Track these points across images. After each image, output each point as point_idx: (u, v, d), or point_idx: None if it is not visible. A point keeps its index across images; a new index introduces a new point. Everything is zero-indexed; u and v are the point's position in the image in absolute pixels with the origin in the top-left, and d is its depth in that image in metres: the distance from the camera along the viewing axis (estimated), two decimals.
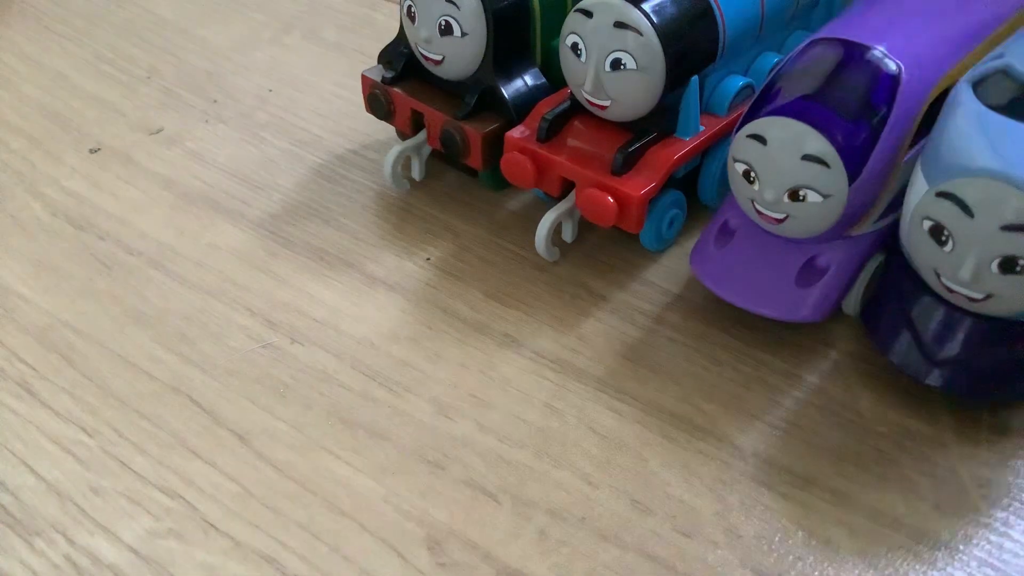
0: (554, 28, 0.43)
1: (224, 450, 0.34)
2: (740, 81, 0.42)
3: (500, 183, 0.44)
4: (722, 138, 0.42)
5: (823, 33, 0.36)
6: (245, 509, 0.32)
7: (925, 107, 0.35)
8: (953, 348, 0.34)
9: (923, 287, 0.34)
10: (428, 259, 0.42)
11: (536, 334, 0.39)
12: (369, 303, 0.40)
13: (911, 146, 0.36)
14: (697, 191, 0.43)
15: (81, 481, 0.33)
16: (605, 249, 0.43)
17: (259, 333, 0.39)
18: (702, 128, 0.41)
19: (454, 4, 0.41)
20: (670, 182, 0.41)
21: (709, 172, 0.43)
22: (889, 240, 0.37)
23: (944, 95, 0.35)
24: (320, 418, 0.35)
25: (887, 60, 0.35)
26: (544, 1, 0.43)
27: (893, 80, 0.35)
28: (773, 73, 0.36)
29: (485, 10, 0.41)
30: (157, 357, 0.38)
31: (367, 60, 0.46)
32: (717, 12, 0.39)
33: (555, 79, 0.43)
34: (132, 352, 0.38)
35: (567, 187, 0.41)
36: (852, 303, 0.38)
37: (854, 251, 0.37)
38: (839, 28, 0.37)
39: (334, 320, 0.39)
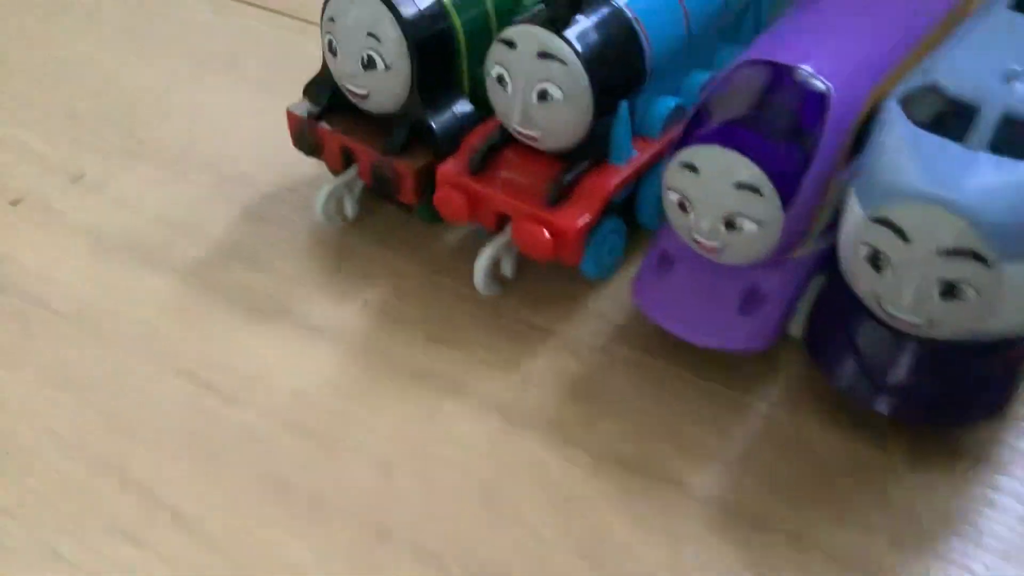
0: (480, 55, 0.42)
1: (158, 530, 0.33)
2: (671, 102, 0.41)
3: (437, 216, 0.43)
4: (657, 161, 0.41)
5: (750, 54, 0.36)
6: None
7: (856, 126, 0.35)
8: (899, 373, 0.33)
9: (865, 310, 0.33)
10: (366, 302, 0.41)
11: (481, 377, 0.38)
12: (305, 354, 0.39)
13: (844, 165, 0.35)
14: (636, 214, 0.42)
15: (7, 570, 0.32)
16: (547, 281, 0.42)
17: (190, 394, 0.37)
18: (635, 153, 0.40)
19: (375, 38, 0.40)
20: (608, 208, 0.40)
21: (646, 195, 0.42)
22: (830, 260, 0.36)
23: (876, 111, 0.35)
24: (257, 486, 0.34)
25: (814, 80, 0.34)
26: (468, 28, 0.41)
27: (821, 101, 0.34)
28: (703, 97, 0.35)
29: (407, 42, 0.40)
30: (81, 426, 0.36)
31: (294, 92, 0.44)
32: (642, 34, 0.38)
33: (485, 107, 0.41)
34: (55, 423, 0.36)
35: (503, 220, 0.40)
36: (797, 326, 0.37)
37: (795, 274, 0.36)
38: (766, 48, 0.36)
39: (268, 375, 0.38)
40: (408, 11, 0.39)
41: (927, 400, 0.33)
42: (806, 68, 0.34)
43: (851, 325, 0.34)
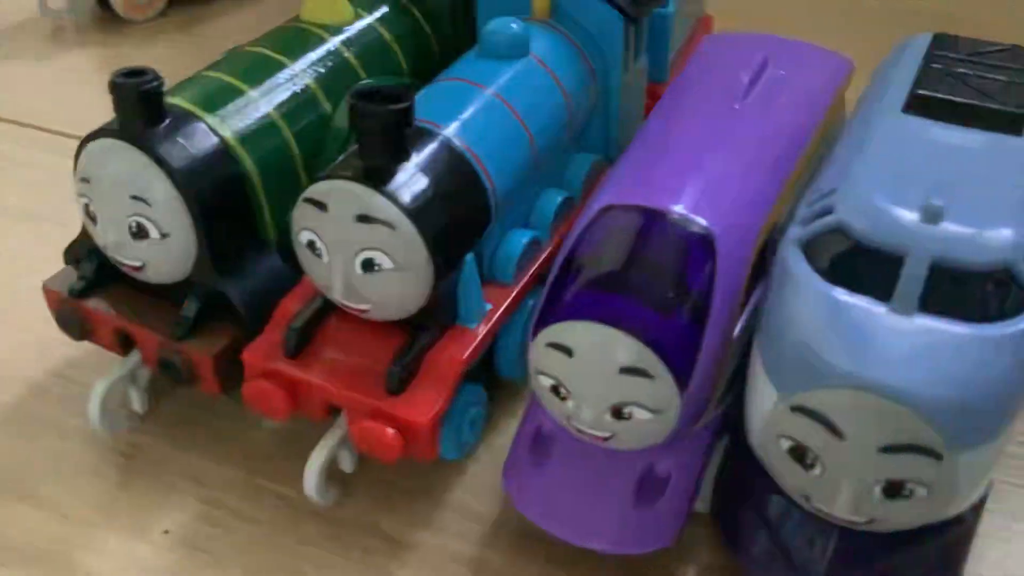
0: (286, 196, 0.34)
1: None
2: (523, 237, 0.34)
3: None
4: (516, 308, 0.34)
5: (612, 194, 0.29)
6: None
7: (750, 270, 0.29)
8: (834, 569, 0.27)
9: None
10: (166, 532, 0.32)
11: None
12: None
13: (741, 313, 0.29)
14: (496, 367, 0.35)
15: None
16: (396, 469, 0.34)
17: None
18: (488, 307, 0.33)
19: (143, 201, 0.31)
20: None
21: (506, 345, 0.35)
22: (732, 419, 0.31)
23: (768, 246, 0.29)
24: None
25: (695, 225, 0.28)
26: (264, 167, 0.34)
27: (707, 249, 0.28)
28: (564, 253, 0.29)
29: (184, 200, 0.31)
30: None
31: (67, 230, 0.35)
32: (480, 169, 0.31)
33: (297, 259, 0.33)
34: None
35: (336, 408, 0.32)
36: (704, 500, 0.31)
37: (695, 450, 0.30)
38: (627, 185, 0.30)
39: None
40: (180, 161, 0.31)
41: None
42: (679, 208, 0.28)
43: (767, 507, 0.29)
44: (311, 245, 0.30)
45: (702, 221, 0.28)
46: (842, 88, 0.36)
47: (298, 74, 0.36)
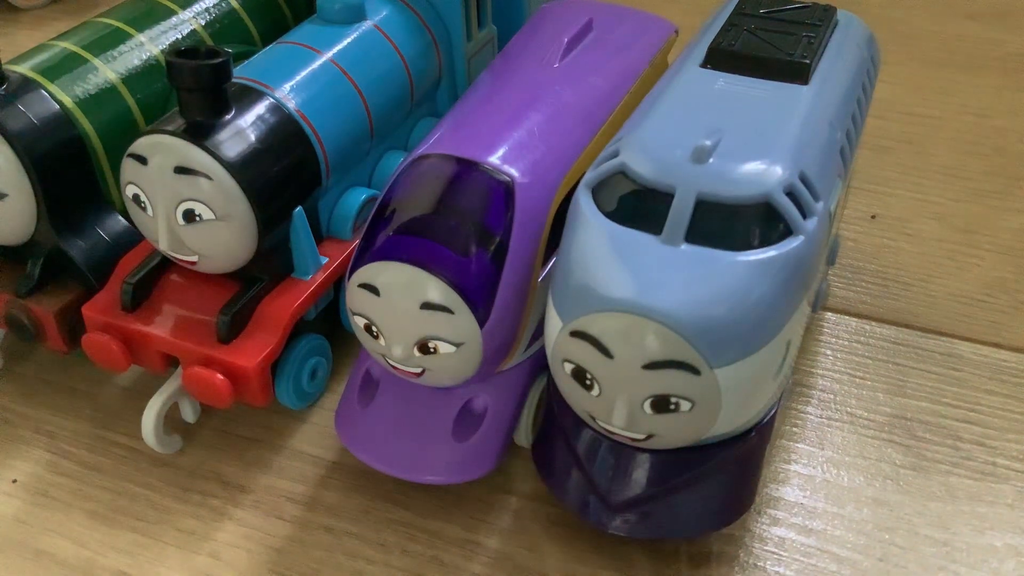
0: None
1: None
2: (362, 195, 0.36)
3: None
4: None
5: (423, 147, 0.31)
6: None
7: (550, 218, 0.31)
8: (631, 489, 0.29)
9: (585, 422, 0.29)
10: (15, 481, 0.33)
11: (157, 562, 0.31)
12: None
13: (546, 261, 0.31)
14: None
15: None
16: (241, 418, 0.35)
17: None
18: (324, 260, 0.35)
19: None
20: (302, 327, 0.34)
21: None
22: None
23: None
24: None
25: (496, 174, 0.30)
26: (106, 132, 0.35)
27: (506, 196, 0.30)
28: (377, 202, 0.30)
29: (22, 162, 0.32)
30: None
31: None
32: (309, 130, 0.33)
33: None
34: None
35: (175, 359, 0.33)
36: (523, 434, 0.33)
37: (511, 385, 0.32)
38: (441, 138, 0.31)
39: None
40: (16, 124, 0.32)
41: (664, 514, 0.30)
42: (485, 159, 0.30)
43: (573, 437, 0.31)
44: (136, 199, 0.31)
45: (505, 171, 0.30)
46: (664, 50, 0.38)
47: (145, 44, 0.37)
